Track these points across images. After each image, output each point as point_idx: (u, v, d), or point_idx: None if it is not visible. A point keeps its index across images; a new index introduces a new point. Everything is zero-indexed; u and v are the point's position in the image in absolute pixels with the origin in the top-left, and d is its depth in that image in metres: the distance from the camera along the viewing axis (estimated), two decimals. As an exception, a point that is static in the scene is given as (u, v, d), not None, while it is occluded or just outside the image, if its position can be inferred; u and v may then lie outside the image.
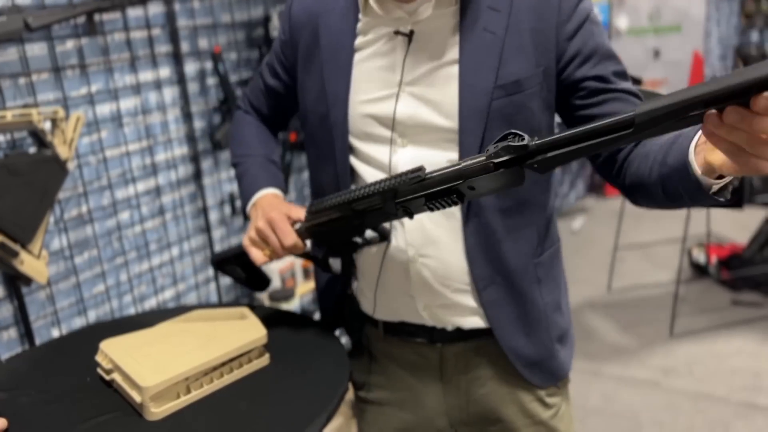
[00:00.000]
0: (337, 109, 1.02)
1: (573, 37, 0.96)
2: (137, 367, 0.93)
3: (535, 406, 1.11)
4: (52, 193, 1.57)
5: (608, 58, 0.98)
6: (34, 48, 1.60)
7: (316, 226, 1.02)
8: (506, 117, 0.96)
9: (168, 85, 1.96)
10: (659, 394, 2.59)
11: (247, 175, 1.20)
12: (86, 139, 1.75)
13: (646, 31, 4.51)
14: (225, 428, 0.89)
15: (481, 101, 0.95)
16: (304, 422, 0.89)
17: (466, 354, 1.09)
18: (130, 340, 1.02)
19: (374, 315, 1.12)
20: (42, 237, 1.56)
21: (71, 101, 1.70)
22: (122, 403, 0.94)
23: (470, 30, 0.95)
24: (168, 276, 2.04)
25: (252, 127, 1.26)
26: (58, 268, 1.72)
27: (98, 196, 1.80)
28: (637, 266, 3.74)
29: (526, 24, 0.95)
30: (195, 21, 2.02)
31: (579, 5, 0.96)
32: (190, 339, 1.01)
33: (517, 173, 0.76)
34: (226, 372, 0.99)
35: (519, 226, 1.02)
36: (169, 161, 1.99)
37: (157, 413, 0.90)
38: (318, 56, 1.05)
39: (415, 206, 0.88)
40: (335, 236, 1.02)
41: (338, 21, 1.03)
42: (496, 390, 1.10)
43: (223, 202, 2.20)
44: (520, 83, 0.95)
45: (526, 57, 0.95)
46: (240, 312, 1.12)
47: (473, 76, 0.95)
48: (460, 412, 1.12)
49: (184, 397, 0.93)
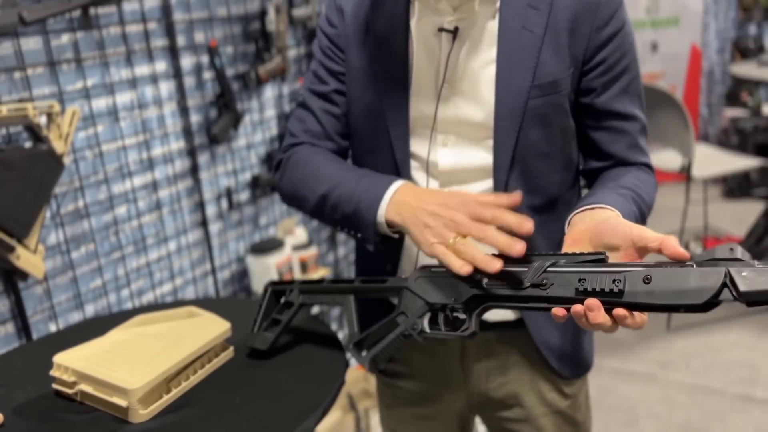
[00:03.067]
0: (394, 96, 1.01)
1: (605, 45, 0.95)
2: (112, 372, 0.91)
3: (554, 395, 1.12)
4: (48, 187, 1.57)
5: (633, 94, 0.98)
6: (29, 42, 1.60)
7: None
8: (542, 117, 0.96)
9: (164, 80, 1.95)
10: (656, 387, 2.60)
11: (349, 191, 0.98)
12: (82, 134, 1.75)
13: (644, 24, 4.50)
14: (220, 422, 0.89)
15: (517, 100, 0.95)
16: (300, 416, 0.89)
17: (488, 342, 1.10)
18: (85, 351, 0.98)
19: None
20: (38, 232, 1.56)
21: (67, 95, 1.69)
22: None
23: (509, 28, 0.95)
24: (165, 270, 2.04)
25: (318, 155, 1.07)
26: (55, 263, 1.72)
27: (95, 190, 1.80)
28: (635, 260, 3.74)
29: (564, 24, 0.94)
30: (191, 14, 2.01)
31: (617, 12, 0.95)
32: (152, 342, 0.99)
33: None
34: (199, 368, 0.98)
35: (547, 222, 1.02)
36: (166, 155, 1.99)
37: (145, 414, 0.89)
38: (371, 47, 1.03)
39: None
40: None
41: (388, 11, 1.01)
42: (516, 378, 1.11)
43: (220, 197, 2.20)
44: (557, 84, 0.95)
45: (561, 58, 0.95)
46: (188, 311, 1.11)
47: (511, 74, 0.95)
48: (479, 398, 1.14)
49: (166, 396, 0.93)
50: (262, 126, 2.34)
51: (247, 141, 2.29)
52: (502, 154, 0.97)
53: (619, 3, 0.95)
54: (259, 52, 2.22)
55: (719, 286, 0.64)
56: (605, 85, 0.97)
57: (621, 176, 0.97)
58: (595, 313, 0.71)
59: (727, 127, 4.62)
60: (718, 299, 0.65)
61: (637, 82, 0.99)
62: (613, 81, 0.97)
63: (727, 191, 4.47)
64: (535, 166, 0.99)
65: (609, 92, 0.97)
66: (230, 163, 2.22)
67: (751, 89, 4.59)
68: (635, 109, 1.00)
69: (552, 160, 1.00)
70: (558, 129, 0.98)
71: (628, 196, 0.91)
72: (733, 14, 4.77)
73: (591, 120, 1.00)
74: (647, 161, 1.02)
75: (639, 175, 0.98)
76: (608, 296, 0.71)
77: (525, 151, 0.97)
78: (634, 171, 0.99)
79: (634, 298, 0.69)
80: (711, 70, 4.86)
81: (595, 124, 1.00)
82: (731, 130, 4.51)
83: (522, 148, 0.96)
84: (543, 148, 0.98)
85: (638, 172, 0.99)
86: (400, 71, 1.00)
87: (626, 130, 0.99)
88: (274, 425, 0.88)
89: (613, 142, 1.00)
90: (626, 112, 0.99)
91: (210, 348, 1.00)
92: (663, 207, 4.43)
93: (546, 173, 1.00)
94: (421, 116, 1.01)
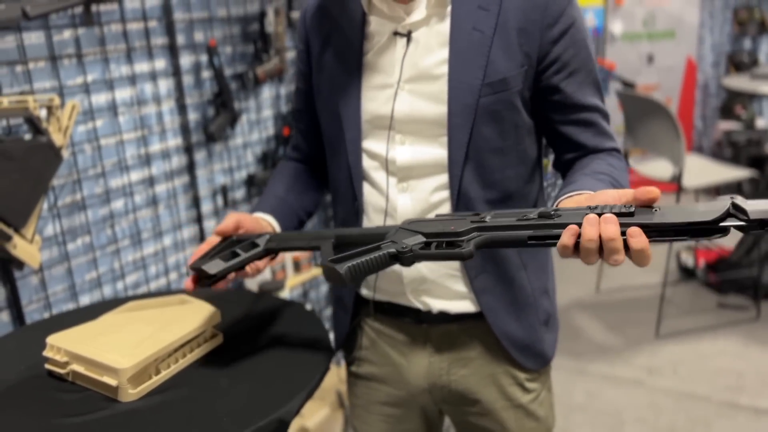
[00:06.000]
0: (349, 104, 1.07)
1: (557, 42, 0.99)
2: (104, 353, 0.94)
3: (515, 389, 1.15)
4: (47, 179, 1.60)
5: (592, 85, 1.03)
6: (31, 36, 1.63)
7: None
8: (493, 113, 1.00)
9: (163, 77, 1.99)
10: (643, 392, 2.63)
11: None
12: (82, 128, 1.78)
13: (641, 37, 4.56)
14: (206, 402, 0.92)
15: (469, 98, 0.99)
16: (284, 398, 0.92)
17: (451, 335, 1.13)
18: (78, 333, 1.02)
19: (372, 296, 1.16)
20: (35, 222, 1.59)
21: (67, 90, 1.73)
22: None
23: (460, 29, 0.99)
24: (160, 264, 2.07)
25: (281, 175, 1.26)
26: (51, 254, 1.75)
27: (92, 183, 1.83)
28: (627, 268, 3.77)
29: (513, 23, 0.98)
30: (191, 14, 2.05)
31: (566, 10, 0.98)
32: (143, 325, 1.03)
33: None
34: (188, 352, 1.01)
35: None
36: (164, 151, 2.02)
37: (134, 394, 0.92)
38: (328, 55, 1.10)
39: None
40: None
41: (348, 22, 1.07)
42: (477, 371, 1.13)
43: (216, 194, 2.23)
44: (507, 81, 0.99)
45: (512, 56, 0.99)
46: (179, 298, 1.14)
47: (462, 73, 0.99)
48: (441, 390, 1.16)
49: (155, 377, 0.96)
50: (259, 125, 2.38)
51: (243, 140, 2.32)
52: (457, 149, 1.01)
53: (568, 1, 0.99)
54: (258, 52, 2.25)
55: (726, 209, 0.67)
56: (565, 81, 1.01)
57: (594, 163, 1.01)
58: (638, 239, 0.69)
59: (721, 140, 4.66)
60: (726, 224, 0.67)
61: (594, 73, 1.04)
62: (571, 76, 1.01)
63: (719, 203, 4.51)
64: (490, 161, 1.03)
65: (570, 87, 1.01)
66: (226, 161, 2.26)
67: (745, 102, 4.64)
68: (596, 99, 1.04)
69: (506, 156, 1.04)
70: (510, 125, 1.02)
71: (606, 180, 0.93)
72: (728, 28, 4.83)
73: (558, 115, 1.04)
74: (615, 146, 1.06)
75: (610, 160, 1.02)
76: (621, 217, 0.70)
77: (479, 146, 1.01)
78: (606, 157, 1.03)
79: (647, 220, 0.69)
80: (706, 83, 4.91)
81: (563, 119, 1.04)
82: (725, 142, 4.55)
83: (475, 144, 1.01)
84: (496, 144, 1.02)
85: (609, 157, 1.03)
86: (354, 77, 1.06)
87: (591, 120, 1.04)
88: (259, 406, 0.90)
89: (581, 132, 1.04)
90: (588, 104, 1.03)
91: (199, 333, 1.03)
92: (656, 217, 4.48)
93: (501, 168, 1.04)
94: (377, 117, 1.06)
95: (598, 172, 0.96)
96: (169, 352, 0.98)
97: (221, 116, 2.13)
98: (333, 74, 1.09)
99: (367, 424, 1.25)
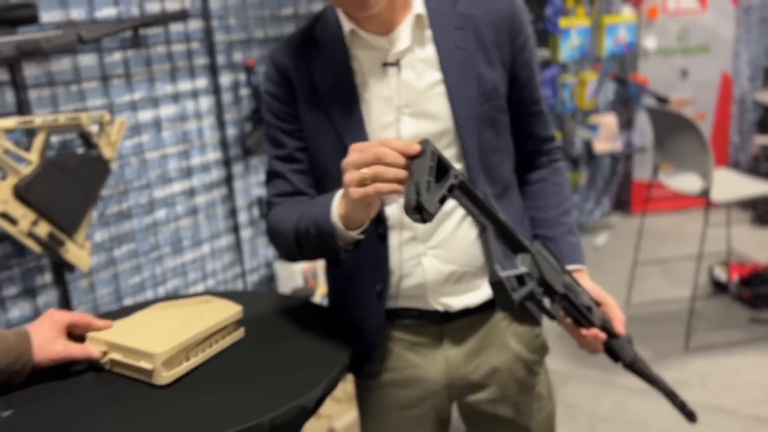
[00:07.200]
0: (356, 138, 1.08)
1: (523, 49, 1.14)
2: (139, 341, 1.04)
3: (524, 373, 1.22)
4: (96, 189, 1.74)
5: (539, 78, 1.20)
6: (85, 59, 1.78)
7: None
8: (490, 119, 1.12)
9: (204, 95, 2.12)
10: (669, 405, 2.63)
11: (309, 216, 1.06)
12: (129, 142, 1.92)
13: (675, 51, 4.56)
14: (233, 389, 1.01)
15: (469, 110, 1.09)
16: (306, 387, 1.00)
17: (464, 328, 1.19)
18: (114, 327, 1.12)
19: (395, 305, 1.18)
20: (86, 229, 1.72)
21: (116, 107, 1.87)
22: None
23: (446, 50, 1.09)
24: (199, 271, 2.19)
25: (283, 207, 1.16)
26: (99, 259, 1.89)
27: (138, 194, 1.96)
28: (658, 282, 3.77)
29: (489, 39, 1.10)
30: (231, 36, 2.19)
31: (524, 19, 1.13)
32: (172, 320, 1.13)
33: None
34: (214, 343, 1.12)
35: (507, 205, 1.18)
36: (204, 165, 2.15)
37: (167, 377, 1.03)
38: (318, 93, 1.11)
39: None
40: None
41: (329, 59, 1.10)
42: (489, 359, 1.20)
43: (252, 205, 2.35)
44: (497, 89, 1.11)
45: (495, 67, 1.11)
46: (205, 299, 1.24)
47: (459, 89, 1.09)
48: (459, 383, 1.21)
49: (185, 363, 1.06)
50: (294, 140, 2.49)
51: (279, 154, 2.44)
52: (471, 156, 1.11)
53: (523, 9, 1.14)
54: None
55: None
56: (526, 80, 1.16)
57: (552, 196, 1.23)
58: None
59: (758, 155, 4.62)
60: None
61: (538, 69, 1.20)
62: (531, 75, 1.16)
63: (756, 218, 4.46)
64: (492, 161, 1.14)
65: (531, 85, 1.17)
66: (262, 174, 2.38)
67: (783, 117, 4.59)
68: (540, 90, 1.20)
69: (502, 153, 1.16)
70: (502, 126, 1.16)
71: (573, 231, 1.22)
72: (765, 42, 4.79)
73: (520, 110, 1.18)
74: (553, 134, 1.25)
75: (558, 181, 1.24)
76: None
77: (484, 149, 1.12)
78: (553, 178, 1.24)
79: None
80: (742, 97, 4.87)
81: (523, 112, 1.18)
82: (762, 157, 4.51)
83: (482, 147, 1.11)
84: (495, 144, 1.14)
85: (556, 177, 1.24)
86: (355, 109, 1.10)
87: (542, 110, 1.21)
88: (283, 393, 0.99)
89: (535, 123, 1.21)
90: (540, 97, 1.20)
91: (224, 326, 1.13)
92: (686, 232, 4.46)
93: (499, 164, 1.16)
94: None
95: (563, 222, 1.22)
96: (197, 342, 1.08)
97: (258, 131, 2.25)
98: (329, 111, 1.11)
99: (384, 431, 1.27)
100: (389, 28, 1.08)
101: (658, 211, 4.72)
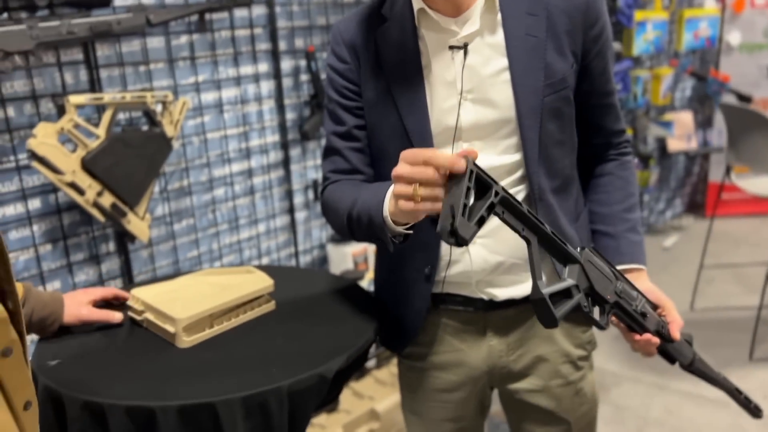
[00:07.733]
0: (417, 119, 1.09)
1: (597, 40, 1.09)
2: (169, 305, 1.12)
3: (567, 367, 1.21)
4: (158, 165, 1.84)
5: (613, 70, 1.17)
6: (153, 41, 1.88)
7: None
8: (555, 110, 1.09)
9: (265, 79, 2.19)
10: (725, 413, 2.53)
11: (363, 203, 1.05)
12: (191, 122, 2.01)
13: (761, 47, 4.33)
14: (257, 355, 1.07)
15: (534, 99, 1.06)
16: (326, 357, 1.05)
17: (509, 318, 1.19)
18: (157, 288, 1.21)
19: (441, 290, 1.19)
20: (147, 202, 1.83)
21: (181, 88, 1.96)
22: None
23: (515, 36, 1.06)
24: (254, 248, 2.27)
25: (340, 186, 1.16)
26: (159, 232, 1.99)
27: (198, 172, 2.06)
28: (727, 288, 3.61)
29: (561, 27, 1.06)
30: (293, 22, 2.25)
31: (601, 9, 1.09)
32: (207, 287, 1.20)
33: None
34: (241, 313, 1.17)
35: (565, 200, 1.16)
36: (262, 147, 2.23)
37: (188, 341, 1.09)
38: (383, 72, 1.11)
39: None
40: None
41: (397, 37, 1.10)
42: (533, 350, 1.20)
43: (308, 188, 2.42)
44: (565, 80, 1.08)
45: (564, 57, 1.07)
46: (247, 269, 1.30)
47: (524, 77, 1.06)
48: (501, 371, 1.22)
49: (209, 330, 1.12)
50: (352, 126, 2.54)
51: (336, 139, 2.49)
52: (531, 148, 1.08)
53: (601, 1, 1.10)
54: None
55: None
56: (599, 72, 1.13)
57: (617, 191, 1.20)
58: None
59: None
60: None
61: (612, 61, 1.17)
62: (605, 66, 1.13)
63: (844, 226, 4.19)
64: (553, 154, 1.11)
65: (603, 77, 1.14)
66: (319, 158, 2.44)
67: None
68: (613, 82, 1.17)
69: (565, 147, 1.13)
70: (568, 119, 1.12)
71: (636, 229, 1.19)
72: None
73: (590, 102, 1.15)
74: (624, 127, 1.22)
75: (625, 176, 1.20)
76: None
77: (545, 142, 1.09)
78: (620, 173, 1.21)
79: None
80: None
81: (594, 105, 1.16)
82: None
83: (543, 140, 1.09)
84: (558, 137, 1.11)
85: (623, 171, 1.21)
86: (418, 91, 1.09)
87: (613, 103, 1.18)
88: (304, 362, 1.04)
89: (605, 116, 1.18)
90: (613, 89, 1.17)
91: (253, 298, 1.18)
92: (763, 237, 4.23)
93: (561, 158, 1.13)
94: (443, 129, 1.09)
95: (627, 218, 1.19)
96: (223, 311, 1.14)
97: (315, 116, 2.31)
98: (392, 90, 1.10)
99: (425, 413, 1.29)
100: (459, 10, 1.06)
101: (735, 215, 4.52)
